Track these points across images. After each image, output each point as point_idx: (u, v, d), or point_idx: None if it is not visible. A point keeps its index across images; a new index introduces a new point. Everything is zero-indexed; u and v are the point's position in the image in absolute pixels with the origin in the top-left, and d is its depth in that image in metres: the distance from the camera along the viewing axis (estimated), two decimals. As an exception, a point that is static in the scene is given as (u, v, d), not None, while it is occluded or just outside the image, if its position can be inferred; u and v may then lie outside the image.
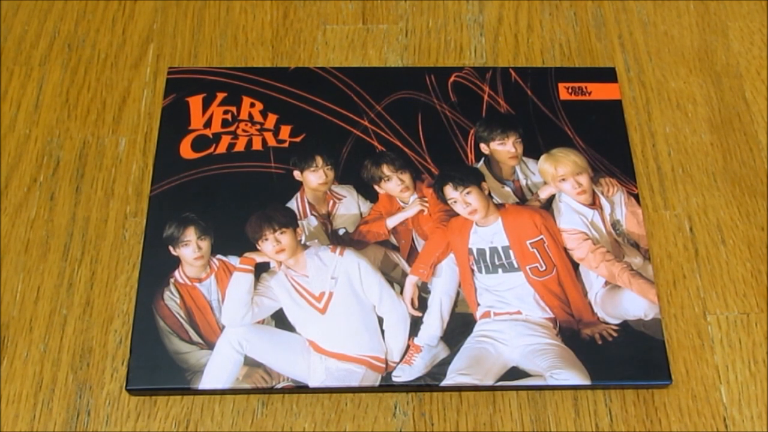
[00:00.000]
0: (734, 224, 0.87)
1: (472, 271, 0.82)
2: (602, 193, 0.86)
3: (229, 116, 0.90)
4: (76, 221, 0.86)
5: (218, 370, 0.77)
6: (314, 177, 0.87)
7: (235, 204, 0.85)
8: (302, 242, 0.83)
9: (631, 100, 0.94)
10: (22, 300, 0.82)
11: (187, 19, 0.99)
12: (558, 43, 0.98)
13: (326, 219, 0.85)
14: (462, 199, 0.85)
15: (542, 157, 0.88)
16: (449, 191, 0.85)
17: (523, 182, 0.87)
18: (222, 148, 0.88)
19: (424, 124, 0.90)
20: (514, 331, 0.80)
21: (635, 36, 0.98)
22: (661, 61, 0.97)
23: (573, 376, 0.77)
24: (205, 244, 0.83)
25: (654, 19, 1.00)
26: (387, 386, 0.78)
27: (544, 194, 0.86)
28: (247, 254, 0.82)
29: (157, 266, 0.82)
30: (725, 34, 0.99)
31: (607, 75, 0.94)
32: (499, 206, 0.85)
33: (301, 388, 0.77)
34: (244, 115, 0.90)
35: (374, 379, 0.78)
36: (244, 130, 0.89)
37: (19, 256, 0.84)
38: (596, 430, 0.77)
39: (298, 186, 0.86)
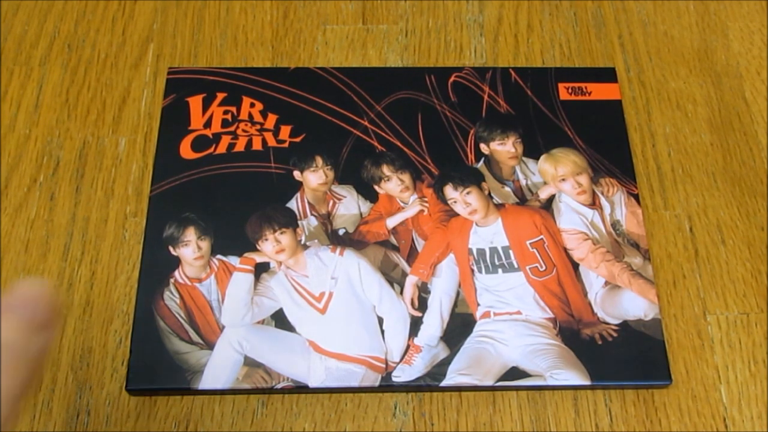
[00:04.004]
0: (734, 224, 0.87)
1: (472, 271, 0.82)
2: (602, 193, 0.86)
3: (229, 116, 0.90)
4: (76, 221, 0.86)
5: (218, 370, 0.77)
6: (314, 177, 0.87)
7: (235, 204, 0.85)
8: (302, 242, 0.83)
9: (631, 100, 0.94)
10: (22, 300, 0.82)
11: (187, 19, 0.99)
12: (558, 43, 0.98)
13: (326, 219, 0.85)
14: (462, 200, 0.85)
15: (542, 158, 0.88)
16: (449, 191, 0.86)
17: (523, 182, 0.87)
18: (222, 149, 0.88)
19: (424, 124, 0.90)
20: (514, 331, 0.80)
21: (635, 36, 0.98)
22: (661, 61, 0.97)
23: (573, 376, 0.77)
24: (205, 245, 0.83)
25: (654, 19, 1.00)
26: (387, 386, 0.77)
27: (544, 194, 0.86)
28: (247, 254, 0.82)
29: (157, 266, 0.82)
30: (725, 34, 0.99)
31: (607, 75, 0.94)
32: (499, 206, 0.85)
33: (301, 389, 0.77)
34: (244, 116, 0.90)
35: (374, 379, 0.77)
36: (244, 130, 0.89)
37: (19, 256, 0.84)
38: (596, 430, 0.77)
39: (298, 186, 0.86)
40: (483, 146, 0.89)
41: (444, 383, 0.77)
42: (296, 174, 0.87)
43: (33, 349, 0.55)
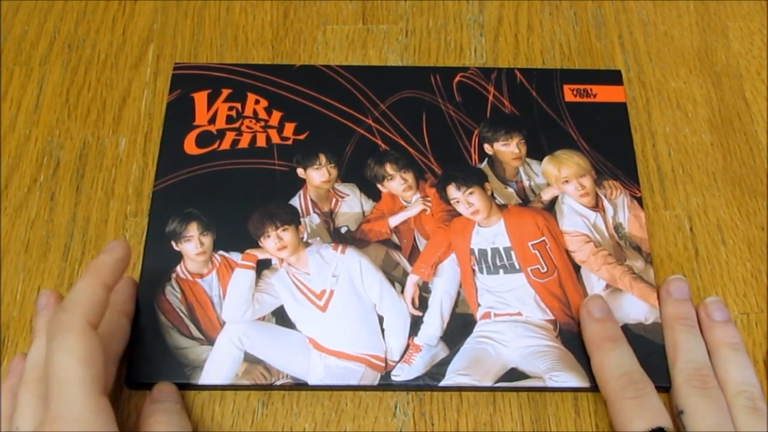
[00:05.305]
0: (734, 224, 0.87)
1: (474, 271, 0.82)
2: (605, 196, 0.86)
3: (233, 113, 0.90)
4: (76, 221, 0.86)
5: (218, 365, 0.77)
6: (317, 175, 0.87)
7: (237, 200, 0.85)
8: (304, 240, 0.83)
9: (632, 100, 0.94)
10: (22, 300, 0.82)
11: (187, 19, 0.99)
12: (558, 43, 0.98)
13: (328, 217, 0.85)
14: (465, 200, 0.85)
15: (546, 159, 0.88)
16: (452, 191, 0.86)
17: (526, 183, 0.87)
18: (226, 145, 0.88)
19: (429, 123, 0.90)
20: (514, 332, 0.80)
21: (635, 36, 0.99)
22: (661, 61, 0.97)
23: (572, 378, 0.77)
24: (208, 240, 0.83)
25: (654, 19, 1.00)
26: (386, 385, 0.77)
27: (547, 196, 0.86)
28: (248, 251, 0.82)
29: (160, 261, 0.82)
30: (725, 34, 0.99)
31: (613, 77, 0.94)
32: (502, 207, 0.85)
33: (300, 386, 0.77)
34: (248, 112, 0.90)
35: (373, 377, 0.77)
36: (248, 127, 0.89)
37: (19, 256, 0.84)
38: (597, 430, 0.76)
39: (301, 183, 0.86)
40: (487, 146, 0.89)
41: (443, 383, 0.77)
42: (299, 171, 0.87)
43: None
